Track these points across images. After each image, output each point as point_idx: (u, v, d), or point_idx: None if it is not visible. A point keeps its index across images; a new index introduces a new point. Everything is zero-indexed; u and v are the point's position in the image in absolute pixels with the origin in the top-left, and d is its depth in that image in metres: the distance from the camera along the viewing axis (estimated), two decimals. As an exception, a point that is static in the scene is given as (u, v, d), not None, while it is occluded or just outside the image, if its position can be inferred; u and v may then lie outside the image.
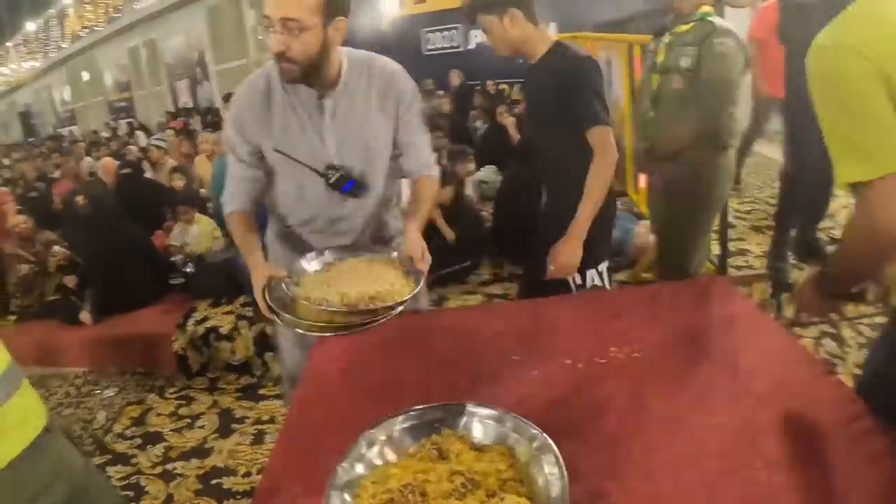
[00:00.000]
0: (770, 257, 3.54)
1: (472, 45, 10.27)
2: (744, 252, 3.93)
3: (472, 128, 7.09)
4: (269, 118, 1.74)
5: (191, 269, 4.39)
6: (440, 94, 8.39)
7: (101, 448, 3.18)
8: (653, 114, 2.63)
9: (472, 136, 6.75)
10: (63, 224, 5.10)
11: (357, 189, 1.80)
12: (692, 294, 1.83)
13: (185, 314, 4.00)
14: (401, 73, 1.81)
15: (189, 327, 3.84)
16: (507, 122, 5.94)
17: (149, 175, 6.76)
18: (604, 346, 1.51)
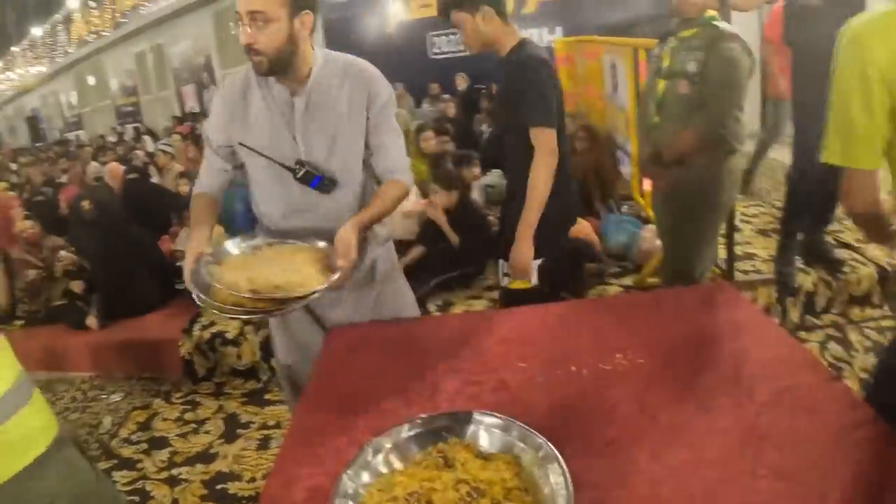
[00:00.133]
0: (777, 261, 3.52)
1: (477, 49, 10.23)
2: (751, 256, 3.91)
3: (479, 132, 7.08)
4: (246, 114, 1.82)
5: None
6: (446, 97, 8.38)
7: (107, 453, 3.18)
8: (658, 118, 2.62)
9: (478, 140, 6.75)
10: (70, 229, 5.11)
11: (325, 185, 1.80)
12: (697, 300, 1.83)
13: (192, 319, 4.01)
14: (376, 75, 1.84)
15: (195, 332, 3.84)
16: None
17: (155, 180, 6.79)
18: (609, 353, 1.51)
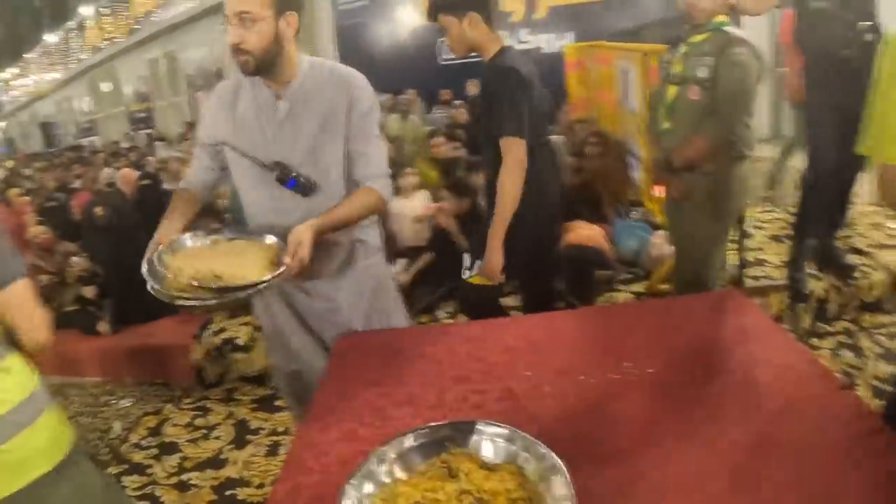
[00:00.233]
0: (789, 267, 3.49)
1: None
2: (762, 262, 3.88)
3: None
4: (234, 114, 1.85)
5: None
6: (457, 104, 8.36)
7: (117, 458, 3.20)
8: (668, 124, 2.61)
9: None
10: (82, 234, 5.15)
11: (303, 188, 1.80)
12: (707, 307, 1.81)
13: (202, 325, 4.03)
14: (359, 82, 1.85)
15: (206, 338, 3.87)
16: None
17: (168, 186, 6.81)
18: (618, 362, 1.50)
